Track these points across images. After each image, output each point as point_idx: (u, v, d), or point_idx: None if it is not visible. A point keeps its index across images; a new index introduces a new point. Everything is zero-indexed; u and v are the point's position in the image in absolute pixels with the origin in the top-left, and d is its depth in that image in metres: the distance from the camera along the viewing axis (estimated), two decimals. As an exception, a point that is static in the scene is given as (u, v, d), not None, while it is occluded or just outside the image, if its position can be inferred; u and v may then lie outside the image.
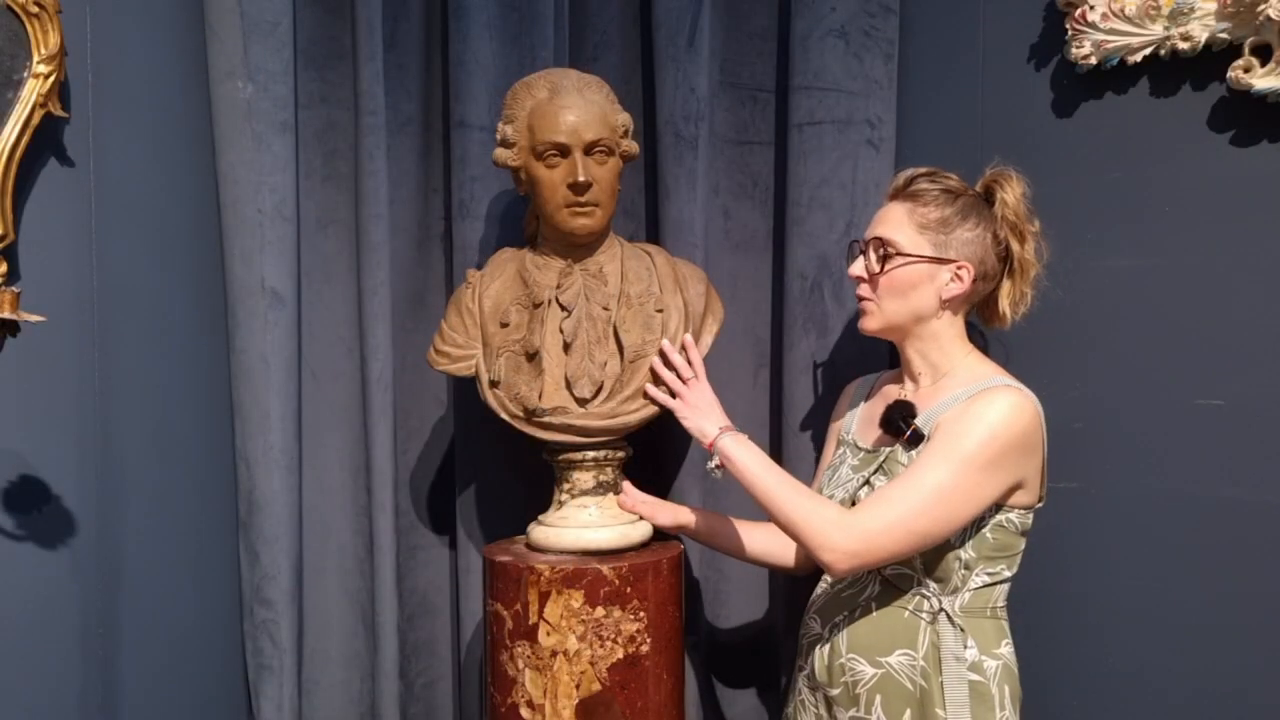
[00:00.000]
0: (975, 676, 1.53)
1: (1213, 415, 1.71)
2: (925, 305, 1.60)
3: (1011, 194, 1.60)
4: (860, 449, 1.68)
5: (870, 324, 1.65)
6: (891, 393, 1.70)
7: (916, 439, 1.53)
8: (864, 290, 1.64)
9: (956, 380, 1.60)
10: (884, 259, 1.59)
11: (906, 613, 1.55)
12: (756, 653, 2.16)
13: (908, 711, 1.53)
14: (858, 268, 1.64)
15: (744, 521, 1.92)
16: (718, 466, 1.66)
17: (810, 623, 1.66)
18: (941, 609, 1.53)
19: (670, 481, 2.11)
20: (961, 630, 1.53)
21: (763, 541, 1.87)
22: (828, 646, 1.61)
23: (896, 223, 1.60)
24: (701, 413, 1.71)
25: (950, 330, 1.63)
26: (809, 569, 1.84)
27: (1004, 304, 1.63)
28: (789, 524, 1.54)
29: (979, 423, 1.47)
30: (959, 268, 1.58)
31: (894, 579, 1.57)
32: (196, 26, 2.02)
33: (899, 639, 1.55)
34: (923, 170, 1.63)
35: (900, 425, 1.54)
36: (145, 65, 1.92)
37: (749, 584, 2.14)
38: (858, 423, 1.75)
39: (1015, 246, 1.60)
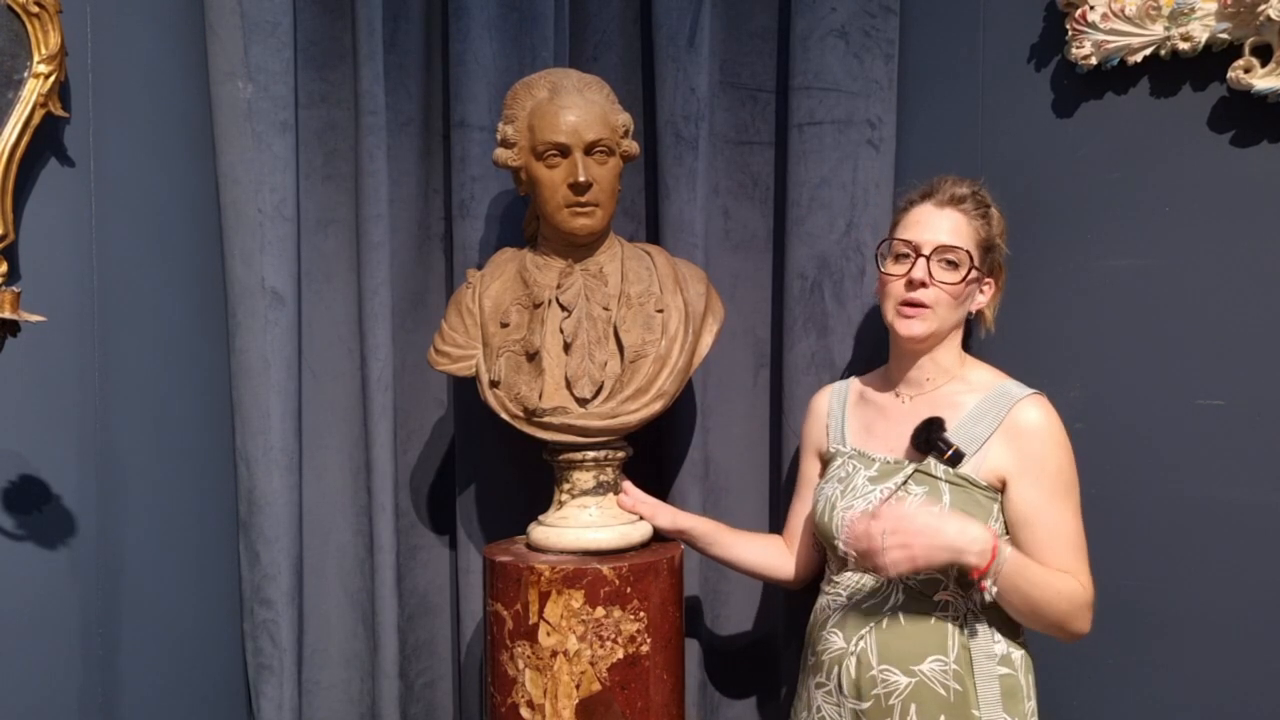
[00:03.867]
0: (1005, 670, 1.55)
1: (1213, 415, 1.71)
2: (963, 315, 1.67)
3: (999, 209, 1.68)
4: (873, 459, 1.67)
5: (922, 329, 1.62)
6: (884, 403, 1.72)
7: (958, 458, 1.56)
8: (926, 296, 1.61)
9: (963, 385, 1.64)
10: (969, 270, 1.61)
11: (934, 618, 1.55)
12: (757, 653, 2.16)
13: (942, 717, 1.53)
14: (921, 271, 1.61)
15: (742, 532, 1.92)
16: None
17: (830, 637, 1.63)
18: (969, 608, 1.55)
19: (670, 482, 2.11)
20: (989, 625, 1.55)
21: (759, 554, 1.87)
22: (854, 660, 1.58)
23: (963, 235, 1.63)
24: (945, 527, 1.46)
25: (959, 334, 1.69)
26: (805, 583, 1.84)
27: (988, 312, 1.72)
28: (1062, 616, 1.49)
29: (1059, 448, 1.56)
30: (985, 281, 1.67)
31: (922, 585, 1.56)
32: (196, 26, 2.02)
33: (930, 645, 1.55)
34: (966, 189, 1.65)
35: (940, 445, 1.57)
36: (145, 65, 1.92)
37: (749, 585, 2.13)
38: (852, 432, 1.75)
39: (999, 256, 1.69)
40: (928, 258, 1.61)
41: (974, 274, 1.62)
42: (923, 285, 1.61)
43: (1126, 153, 1.78)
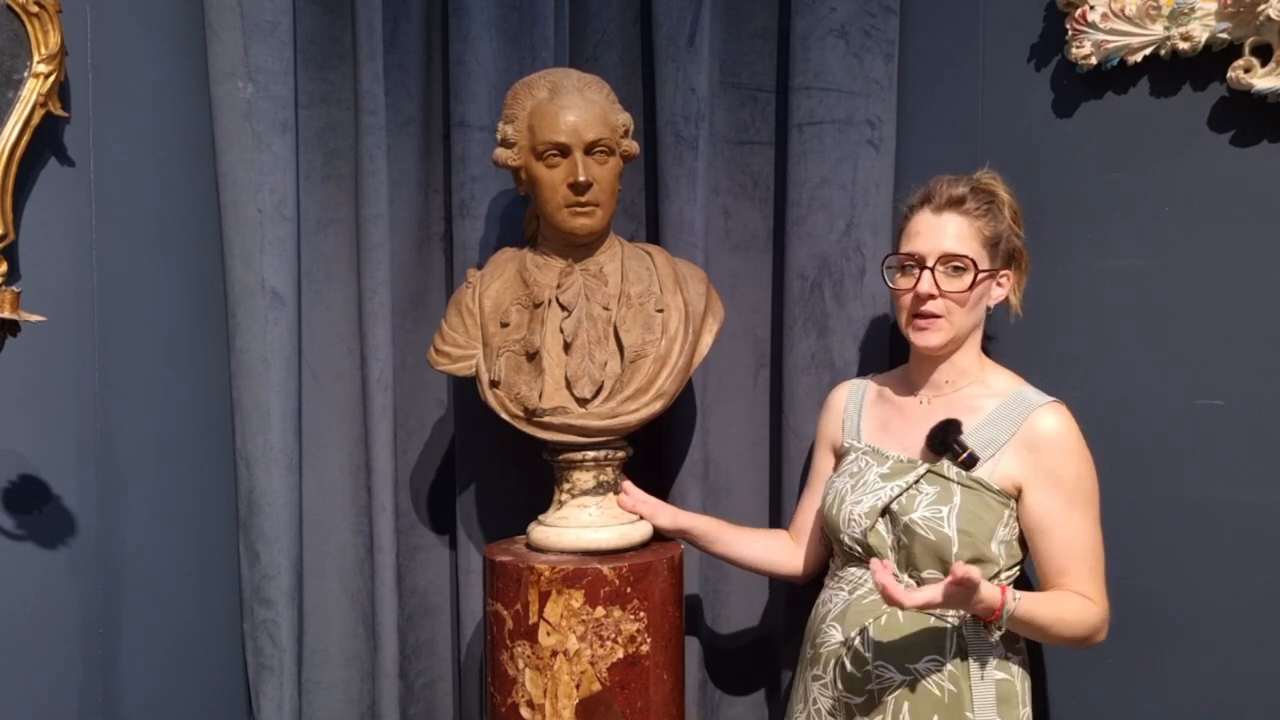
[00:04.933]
0: (1002, 675, 1.55)
1: (1213, 415, 1.71)
2: (980, 315, 1.65)
3: (1009, 192, 1.66)
4: (887, 456, 1.66)
5: (938, 339, 1.62)
6: (902, 403, 1.71)
7: (972, 462, 1.55)
8: (935, 307, 1.60)
9: (982, 388, 1.64)
10: (975, 279, 1.59)
11: (933, 618, 1.55)
12: (757, 652, 2.16)
13: (935, 717, 1.53)
14: (927, 284, 1.59)
15: (744, 529, 1.91)
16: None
17: (829, 631, 1.64)
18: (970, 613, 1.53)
19: (670, 482, 2.11)
20: (986, 628, 1.53)
21: (763, 549, 1.87)
22: (851, 654, 1.59)
23: (969, 237, 1.60)
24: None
25: (979, 336, 1.68)
26: (812, 577, 1.84)
27: (1014, 298, 1.69)
28: (1072, 641, 1.55)
29: (1076, 457, 1.56)
30: (1002, 275, 1.65)
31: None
32: (196, 26, 2.02)
33: (927, 645, 1.55)
34: (965, 187, 1.62)
35: (955, 448, 1.56)
36: (145, 65, 1.92)
37: (749, 584, 2.14)
38: (868, 428, 1.74)
39: (1018, 241, 1.66)
40: (932, 269, 1.59)
41: (983, 276, 1.60)
42: (931, 297, 1.59)
43: (1126, 153, 1.77)
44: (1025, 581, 1.64)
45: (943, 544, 1.53)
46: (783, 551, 1.87)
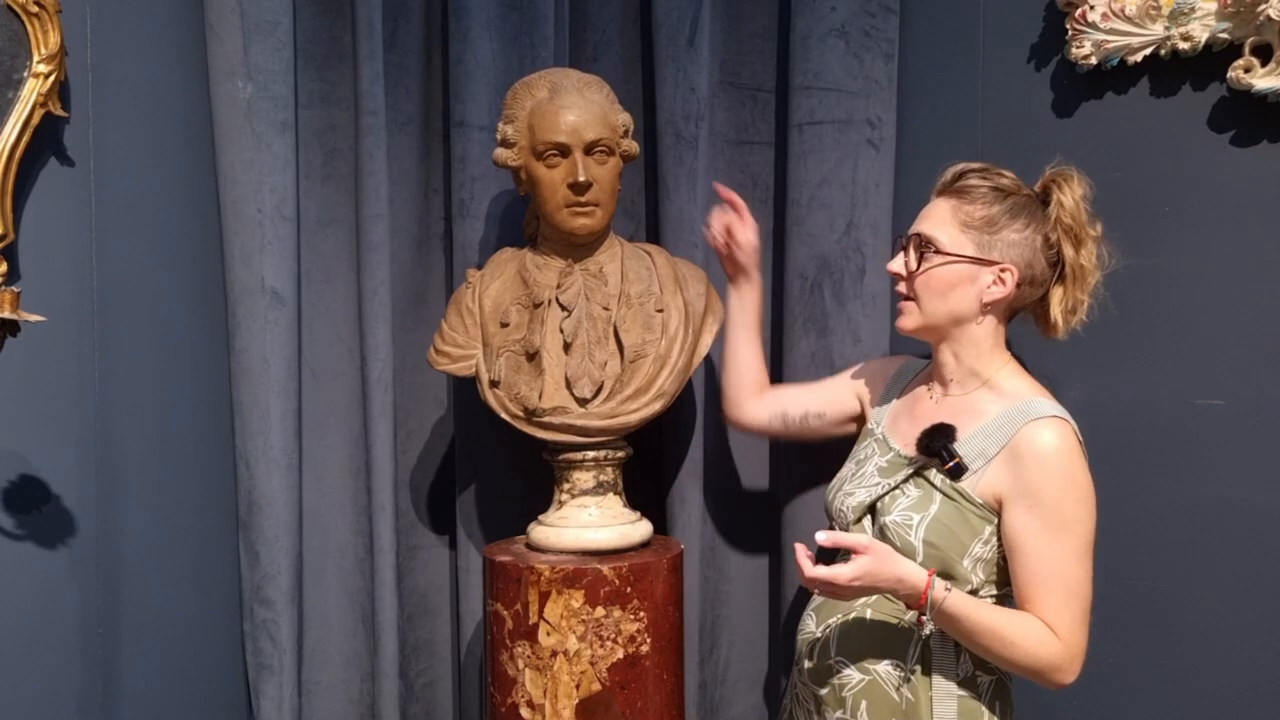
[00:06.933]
0: (965, 692, 1.49)
1: (1212, 415, 1.71)
2: (965, 307, 1.51)
3: (1070, 196, 1.50)
4: (890, 448, 1.60)
5: (906, 323, 1.56)
6: (920, 396, 1.64)
7: (958, 471, 1.46)
8: (902, 288, 1.56)
9: (992, 394, 1.52)
10: (922, 256, 1.51)
11: (901, 623, 1.51)
12: (757, 652, 2.16)
13: None
14: (896, 264, 1.55)
15: (757, 348, 1.88)
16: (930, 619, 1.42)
17: (807, 620, 1.63)
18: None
19: (670, 481, 2.11)
20: (955, 645, 1.48)
21: (746, 367, 1.86)
22: (819, 646, 1.57)
23: (939, 219, 1.52)
24: (890, 563, 1.40)
25: (991, 336, 1.54)
26: (742, 427, 1.88)
27: (1055, 311, 1.53)
28: (1019, 667, 1.43)
29: (1061, 479, 1.42)
30: (1002, 270, 1.49)
31: None
32: (196, 26, 2.02)
33: (890, 648, 1.51)
34: (975, 166, 1.54)
35: (943, 454, 1.47)
36: (145, 65, 1.92)
37: (750, 584, 2.14)
38: (889, 417, 1.67)
39: (1069, 251, 1.50)
40: (904, 250, 1.55)
41: (941, 260, 1.50)
42: (899, 278, 1.56)
43: (1126, 153, 1.78)
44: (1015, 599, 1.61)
45: (907, 552, 1.46)
46: (752, 387, 1.85)
